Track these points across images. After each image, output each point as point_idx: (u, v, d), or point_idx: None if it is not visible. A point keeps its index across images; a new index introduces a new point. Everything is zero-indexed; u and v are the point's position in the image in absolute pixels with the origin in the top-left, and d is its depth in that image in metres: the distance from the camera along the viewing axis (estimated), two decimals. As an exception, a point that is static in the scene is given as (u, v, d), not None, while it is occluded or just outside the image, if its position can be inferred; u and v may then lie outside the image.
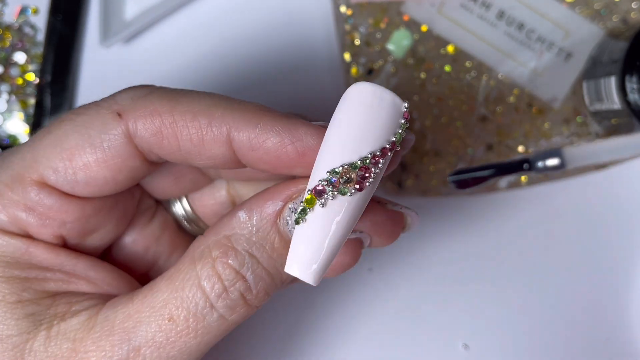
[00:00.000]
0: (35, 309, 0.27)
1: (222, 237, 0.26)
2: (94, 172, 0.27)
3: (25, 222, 0.27)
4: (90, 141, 0.26)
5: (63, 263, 0.28)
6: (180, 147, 0.27)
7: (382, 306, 0.40)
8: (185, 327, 0.26)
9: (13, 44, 0.42)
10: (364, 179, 0.24)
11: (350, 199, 0.24)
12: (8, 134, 0.42)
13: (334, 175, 0.23)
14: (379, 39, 0.40)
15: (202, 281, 0.26)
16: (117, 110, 0.26)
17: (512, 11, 0.40)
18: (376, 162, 0.24)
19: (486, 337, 0.40)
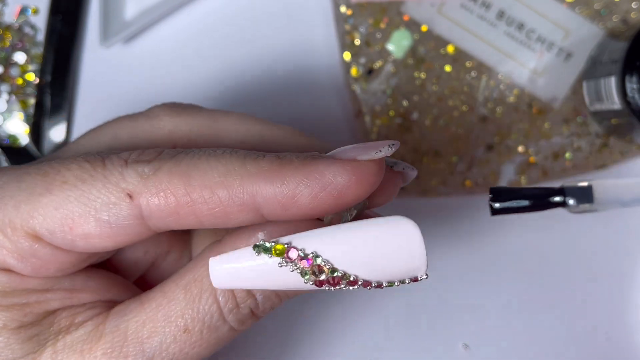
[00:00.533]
0: (38, 329, 0.26)
1: None
2: (95, 242, 0.25)
3: (17, 268, 0.26)
4: (96, 216, 0.25)
5: (61, 282, 0.27)
6: (202, 222, 0.25)
7: (382, 306, 0.40)
8: (199, 339, 0.26)
9: (13, 44, 0.42)
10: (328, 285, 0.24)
11: (302, 282, 0.24)
12: (8, 134, 0.42)
13: (312, 258, 0.24)
14: (379, 39, 0.40)
15: (218, 294, 0.26)
16: (126, 190, 0.25)
17: (512, 11, 0.40)
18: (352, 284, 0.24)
19: (486, 337, 0.40)
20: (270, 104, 0.42)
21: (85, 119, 0.42)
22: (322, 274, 0.24)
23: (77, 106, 0.42)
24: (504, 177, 0.40)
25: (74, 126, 0.42)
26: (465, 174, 0.40)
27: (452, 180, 0.40)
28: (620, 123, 0.37)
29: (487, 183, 0.40)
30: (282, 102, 0.42)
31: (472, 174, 0.40)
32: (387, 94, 0.40)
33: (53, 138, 0.42)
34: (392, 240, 0.24)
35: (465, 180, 0.40)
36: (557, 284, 0.40)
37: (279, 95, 0.42)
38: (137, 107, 0.42)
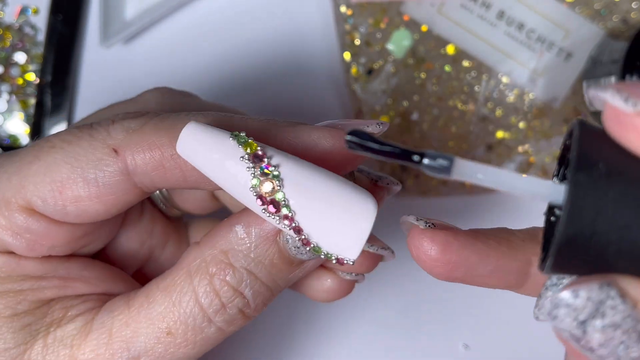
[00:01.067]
0: (31, 319, 0.26)
1: (218, 252, 0.26)
2: (85, 205, 0.25)
3: (12, 245, 0.26)
4: (83, 175, 0.25)
5: (56, 269, 0.27)
6: (186, 177, 0.25)
7: (382, 306, 0.40)
8: (184, 340, 0.26)
9: (13, 44, 0.42)
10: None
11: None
12: (8, 134, 0.42)
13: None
14: (379, 39, 0.40)
15: (199, 297, 0.25)
16: (112, 145, 0.25)
17: (512, 11, 0.40)
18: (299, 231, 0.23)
19: (486, 337, 0.40)
20: (270, 103, 0.42)
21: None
22: (268, 187, 0.23)
23: (77, 106, 0.42)
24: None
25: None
26: (465, 174, 0.40)
27: (452, 180, 0.40)
28: (620, 123, 0.37)
29: (487, 183, 0.40)
30: (282, 101, 0.42)
31: (472, 174, 0.40)
32: (387, 94, 0.40)
33: (53, 138, 0.42)
34: (348, 208, 0.23)
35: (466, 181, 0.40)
36: (557, 284, 0.40)
37: (279, 94, 0.42)
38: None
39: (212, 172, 0.23)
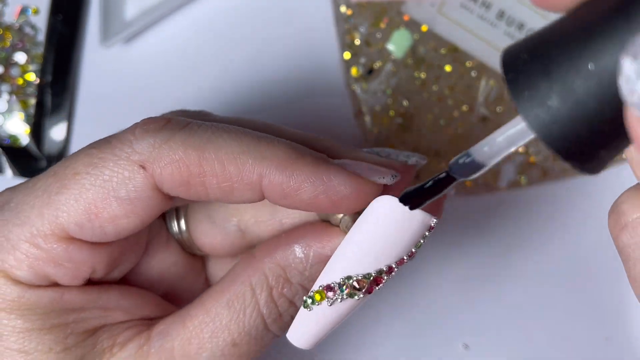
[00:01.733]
0: (83, 351, 0.27)
1: (276, 267, 0.27)
2: (123, 223, 0.26)
3: (55, 276, 0.27)
4: (115, 195, 0.25)
5: (96, 299, 0.28)
6: (209, 194, 0.26)
7: (382, 306, 0.40)
8: (247, 350, 0.27)
9: (13, 44, 0.42)
10: (375, 286, 0.25)
11: (357, 300, 0.25)
12: (8, 134, 0.42)
13: (347, 283, 0.25)
14: (379, 38, 0.40)
15: (262, 308, 0.27)
16: (138, 161, 0.25)
17: (513, 11, 0.40)
18: (390, 272, 0.25)
19: (486, 337, 0.40)
20: (270, 103, 0.42)
21: (86, 118, 0.42)
22: (363, 287, 0.25)
23: (77, 106, 0.42)
24: (504, 177, 0.40)
25: (74, 126, 0.42)
26: (465, 174, 0.40)
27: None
28: (620, 123, 0.37)
29: (487, 183, 0.40)
30: (282, 101, 0.42)
31: (472, 174, 0.40)
32: (387, 94, 0.40)
33: (54, 138, 0.42)
34: (385, 217, 0.25)
35: (465, 180, 0.40)
36: (557, 283, 0.40)
37: (278, 95, 0.42)
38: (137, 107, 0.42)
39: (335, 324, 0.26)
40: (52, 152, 0.41)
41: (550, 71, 0.17)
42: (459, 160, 0.22)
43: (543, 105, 0.18)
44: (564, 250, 0.41)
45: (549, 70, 0.17)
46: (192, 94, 0.42)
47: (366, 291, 0.25)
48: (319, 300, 0.25)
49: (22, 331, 0.26)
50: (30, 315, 0.26)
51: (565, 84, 0.17)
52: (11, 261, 0.26)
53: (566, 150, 0.18)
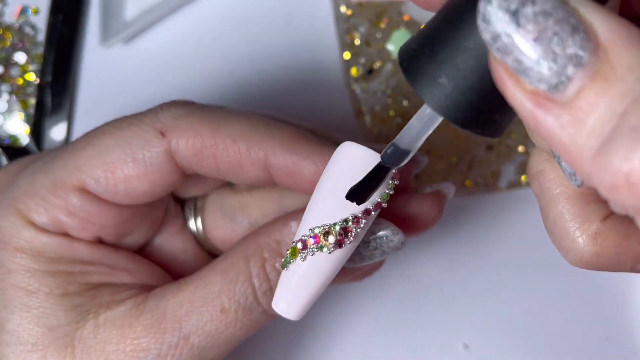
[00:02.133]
0: (81, 300, 0.28)
1: (272, 241, 0.28)
2: (134, 185, 0.28)
3: (66, 224, 0.28)
4: (133, 156, 0.28)
5: (104, 256, 0.29)
6: (219, 167, 0.28)
7: (382, 306, 0.40)
8: (234, 319, 0.28)
9: (13, 44, 0.42)
10: (345, 237, 0.25)
11: (329, 255, 0.25)
12: (8, 134, 0.42)
13: (314, 233, 0.25)
14: (379, 38, 0.40)
15: (253, 278, 0.28)
16: (159, 128, 0.28)
17: (512, 11, 0.40)
18: (358, 221, 0.25)
19: (486, 337, 0.40)
20: (270, 103, 0.42)
21: (86, 118, 0.42)
22: (331, 236, 0.25)
23: (77, 106, 0.42)
24: (504, 177, 0.40)
25: (74, 126, 0.42)
26: (465, 174, 0.40)
27: (452, 180, 0.40)
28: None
29: (487, 183, 0.40)
30: (282, 101, 0.42)
31: (472, 174, 0.40)
32: (387, 94, 0.40)
33: (54, 138, 0.42)
34: (345, 164, 0.25)
35: (465, 180, 0.40)
36: (557, 283, 0.40)
37: (279, 94, 0.42)
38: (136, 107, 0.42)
39: (321, 283, 0.26)
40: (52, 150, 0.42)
41: (436, 54, 0.20)
42: (387, 151, 0.23)
43: (435, 84, 0.20)
44: (564, 250, 0.41)
45: (435, 53, 0.20)
46: (192, 94, 0.42)
47: (336, 243, 0.25)
48: (292, 257, 0.25)
49: (29, 270, 0.28)
50: (38, 257, 0.28)
51: (450, 63, 0.20)
52: (31, 204, 0.28)
53: (462, 119, 0.20)
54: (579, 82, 0.17)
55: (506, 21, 0.17)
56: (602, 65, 0.17)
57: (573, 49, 0.17)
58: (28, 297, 0.28)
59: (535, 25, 0.17)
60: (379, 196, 0.25)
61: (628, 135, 0.16)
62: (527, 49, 0.17)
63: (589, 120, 0.17)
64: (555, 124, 0.17)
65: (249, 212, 0.32)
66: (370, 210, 0.25)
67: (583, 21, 0.17)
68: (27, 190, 0.28)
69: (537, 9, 0.17)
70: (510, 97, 0.18)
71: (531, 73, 0.17)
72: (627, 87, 0.16)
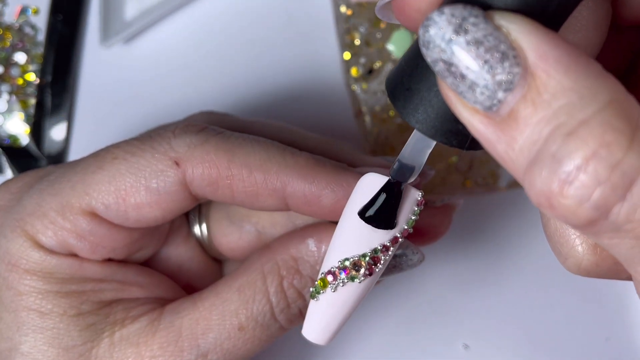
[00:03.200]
0: (95, 319, 0.28)
1: (290, 258, 0.28)
2: (146, 212, 0.28)
3: (75, 247, 0.28)
4: (146, 184, 0.27)
5: (114, 273, 0.29)
6: (234, 197, 0.28)
7: (382, 306, 0.40)
8: (252, 336, 0.28)
9: (13, 44, 0.42)
10: (374, 266, 0.25)
11: (359, 284, 0.26)
12: (8, 134, 0.42)
13: (345, 265, 0.25)
14: (379, 38, 0.40)
15: (271, 296, 0.28)
16: (174, 157, 0.27)
17: (512, 11, 0.40)
18: (387, 250, 0.25)
19: (486, 337, 0.40)
20: (270, 103, 0.42)
21: (86, 118, 0.42)
22: (361, 267, 0.25)
23: (77, 106, 0.42)
24: (504, 177, 0.40)
25: (74, 126, 0.42)
26: (465, 174, 0.40)
27: (452, 180, 0.40)
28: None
29: (487, 183, 0.40)
30: (282, 101, 0.42)
31: (472, 174, 0.40)
32: (387, 94, 0.40)
33: (54, 138, 0.42)
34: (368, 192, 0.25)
35: (465, 180, 0.40)
36: (557, 284, 0.40)
37: (278, 95, 0.42)
38: (136, 107, 0.42)
39: (348, 311, 0.27)
40: (52, 152, 0.42)
41: (407, 83, 0.22)
42: (393, 167, 0.24)
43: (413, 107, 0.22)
44: (564, 250, 0.41)
45: (405, 83, 0.22)
46: (192, 94, 0.42)
47: (366, 272, 0.25)
48: (322, 287, 0.26)
49: (41, 292, 0.28)
50: (49, 278, 0.28)
51: (418, 88, 0.22)
52: (39, 226, 0.28)
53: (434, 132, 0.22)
54: (509, 105, 0.18)
55: (441, 49, 0.19)
56: (530, 90, 0.18)
57: (502, 75, 0.18)
58: (41, 319, 0.27)
59: (467, 54, 0.18)
60: (405, 223, 0.25)
61: (548, 161, 0.17)
62: (460, 74, 0.19)
63: (519, 139, 0.18)
64: (493, 137, 0.19)
65: (256, 219, 0.32)
66: (398, 238, 0.25)
67: (515, 46, 0.18)
68: (34, 211, 0.28)
69: (469, 37, 0.18)
70: (456, 112, 0.20)
71: (467, 95, 0.19)
72: (552, 113, 0.18)
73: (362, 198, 0.25)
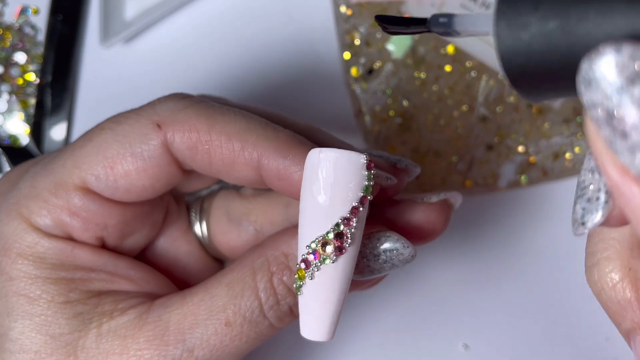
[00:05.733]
0: (83, 308, 0.28)
1: (280, 254, 0.28)
2: (134, 179, 0.28)
3: (69, 225, 0.28)
4: (131, 150, 0.27)
5: (106, 263, 0.29)
6: (212, 164, 0.28)
7: (382, 305, 0.40)
8: (239, 332, 0.28)
9: (13, 44, 0.42)
10: (342, 242, 0.25)
11: (335, 265, 0.25)
12: (8, 133, 0.42)
13: (313, 248, 0.25)
14: (379, 38, 0.40)
15: (259, 292, 0.28)
16: (156, 121, 0.28)
17: (512, 11, 0.40)
18: (349, 222, 0.25)
19: (486, 337, 0.40)
20: (270, 103, 0.42)
21: (86, 118, 0.42)
22: (329, 245, 0.25)
23: (77, 106, 0.42)
24: (504, 177, 0.40)
25: (74, 126, 0.42)
26: (465, 174, 0.40)
27: (452, 180, 0.40)
28: (620, 123, 0.37)
29: (487, 183, 0.40)
30: (282, 101, 0.42)
31: (472, 174, 0.40)
32: (387, 94, 0.40)
33: (54, 138, 0.42)
34: (316, 169, 0.25)
35: (465, 180, 0.40)
36: (557, 284, 0.41)
37: (279, 94, 0.42)
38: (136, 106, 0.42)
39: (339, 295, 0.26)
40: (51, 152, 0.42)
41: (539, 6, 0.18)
42: (439, 18, 0.23)
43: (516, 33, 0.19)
44: (564, 250, 0.41)
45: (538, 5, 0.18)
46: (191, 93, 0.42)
47: (336, 250, 0.25)
48: (301, 279, 0.25)
49: (31, 277, 0.28)
50: (40, 263, 0.28)
51: (543, 24, 0.18)
52: (33, 207, 0.28)
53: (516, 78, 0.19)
54: None
55: (607, 95, 0.15)
56: None
57: None
58: (30, 305, 0.27)
59: (638, 111, 0.15)
60: (360, 190, 0.25)
61: None
62: (622, 132, 0.15)
63: None
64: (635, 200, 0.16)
65: (254, 218, 0.32)
66: (358, 207, 0.25)
67: None
68: (28, 193, 0.28)
69: None
70: (598, 159, 0.16)
71: (622, 154, 0.16)
72: None
73: (308, 176, 0.25)
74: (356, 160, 0.25)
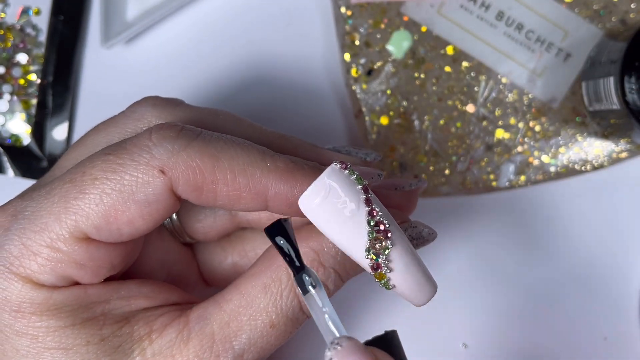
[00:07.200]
0: (120, 340, 0.28)
1: (310, 251, 0.29)
2: (139, 225, 0.27)
3: (78, 276, 0.28)
4: (134, 199, 0.27)
5: (117, 290, 0.29)
6: (217, 200, 0.28)
7: (382, 305, 0.40)
8: (284, 331, 0.28)
9: (15, 45, 0.42)
10: (383, 227, 0.26)
11: (394, 247, 0.27)
12: (10, 134, 0.42)
13: (371, 255, 0.27)
14: (378, 39, 0.40)
15: (298, 291, 0.28)
16: (158, 166, 0.27)
17: (512, 12, 0.40)
18: (373, 212, 0.26)
19: (486, 337, 0.40)
20: (270, 103, 0.42)
21: (87, 118, 0.42)
22: (377, 241, 0.27)
23: (78, 106, 0.43)
24: (504, 177, 0.40)
25: (75, 126, 0.42)
26: (465, 174, 0.40)
27: (452, 180, 0.40)
28: (618, 123, 0.37)
29: (487, 183, 0.40)
30: (282, 102, 0.42)
31: (472, 174, 0.40)
32: (387, 94, 0.40)
33: (55, 138, 0.42)
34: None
35: (465, 180, 0.40)
36: (556, 283, 0.41)
37: (279, 95, 0.42)
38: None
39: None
40: (53, 152, 0.42)
41: None
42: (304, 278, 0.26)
43: None
44: (564, 250, 0.41)
45: None
46: (192, 94, 0.42)
47: (385, 236, 0.26)
48: (383, 277, 0.27)
49: (57, 329, 0.27)
50: (59, 314, 0.27)
51: None
52: (34, 267, 0.27)
53: None
54: None
55: None
56: None
57: None
58: (66, 356, 0.27)
59: None
60: (358, 184, 0.27)
61: None
62: None
63: None
64: None
65: None
66: (368, 198, 0.26)
67: None
68: (22, 254, 0.27)
69: None
70: None
71: None
72: None
73: (317, 217, 0.26)
74: (331, 172, 0.26)
